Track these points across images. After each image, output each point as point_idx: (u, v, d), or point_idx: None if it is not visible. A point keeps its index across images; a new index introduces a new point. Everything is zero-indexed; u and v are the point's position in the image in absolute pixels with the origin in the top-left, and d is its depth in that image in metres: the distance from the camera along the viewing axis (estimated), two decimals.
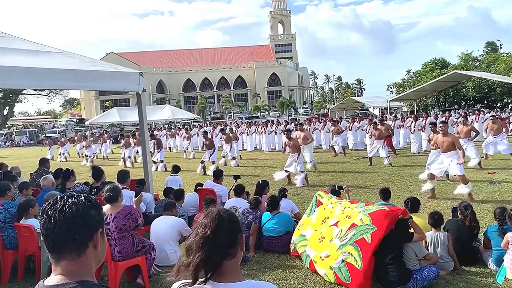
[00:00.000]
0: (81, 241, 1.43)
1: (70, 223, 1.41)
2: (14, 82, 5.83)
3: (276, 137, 21.87)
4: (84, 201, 1.47)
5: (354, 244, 4.65)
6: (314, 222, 5.68)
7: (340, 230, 5.01)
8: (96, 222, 1.48)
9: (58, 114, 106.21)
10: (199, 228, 1.67)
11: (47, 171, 8.51)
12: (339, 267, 4.67)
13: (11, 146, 43.96)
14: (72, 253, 1.42)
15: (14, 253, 5.49)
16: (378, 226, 4.59)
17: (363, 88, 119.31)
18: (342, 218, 5.18)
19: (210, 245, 1.62)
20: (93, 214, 1.47)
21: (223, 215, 1.69)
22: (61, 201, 1.45)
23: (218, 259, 1.62)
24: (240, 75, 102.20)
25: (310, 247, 5.26)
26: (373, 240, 4.53)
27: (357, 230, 4.75)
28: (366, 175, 12.29)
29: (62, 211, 1.42)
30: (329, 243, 5.06)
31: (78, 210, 1.43)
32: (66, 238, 1.41)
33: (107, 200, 4.91)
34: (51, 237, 1.42)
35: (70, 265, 1.43)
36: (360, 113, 39.46)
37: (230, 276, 1.65)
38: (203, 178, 11.66)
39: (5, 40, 8.20)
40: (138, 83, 7.12)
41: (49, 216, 1.42)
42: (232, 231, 1.67)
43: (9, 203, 5.67)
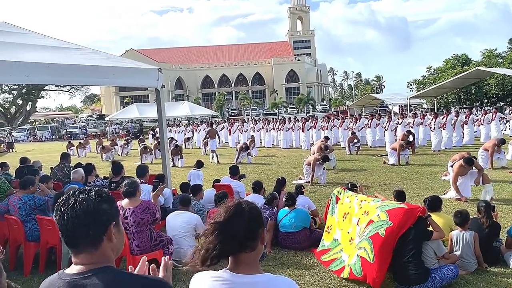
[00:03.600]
0: (95, 235, 1.46)
1: (81, 219, 1.44)
2: (36, 78, 5.94)
3: (294, 134, 21.81)
4: (95, 197, 1.48)
5: (369, 239, 4.64)
6: (337, 220, 5.68)
7: (360, 228, 5.00)
8: (108, 216, 1.50)
9: (79, 109, 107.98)
10: (216, 217, 1.69)
11: (68, 166, 8.67)
12: (354, 264, 4.66)
13: (33, 141, 44.84)
14: (88, 247, 1.46)
15: (36, 245, 5.61)
16: (395, 222, 4.54)
17: (382, 85, 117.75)
18: (361, 215, 5.16)
19: (222, 233, 1.63)
20: (104, 208, 1.49)
21: (243, 207, 1.70)
22: (72, 197, 1.48)
23: (230, 248, 1.64)
24: (258, 72, 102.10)
25: (345, 251, 5.23)
26: (387, 235, 4.49)
27: (373, 226, 4.73)
28: (384, 172, 12.16)
29: (73, 208, 1.45)
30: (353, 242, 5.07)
31: (89, 206, 1.45)
32: (79, 234, 1.45)
33: (125, 195, 4.98)
34: (65, 233, 1.46)
35: (88, 258, 1.46)
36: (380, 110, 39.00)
37: (248, 268, 1.66)
38: (221, 174, 11.72)
39: (28, 37, 8.37)
40: (157, 79, 7.18)
41: (62, 212, 1.46)
42: (252, 223, 1.68)
43: (27, 197, 5.77)
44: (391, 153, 13.75)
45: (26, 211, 5.62)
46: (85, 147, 24.24)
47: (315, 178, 10.95)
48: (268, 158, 17.51)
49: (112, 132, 39.58)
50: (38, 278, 5.30)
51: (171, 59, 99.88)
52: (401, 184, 10.24)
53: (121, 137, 27.90)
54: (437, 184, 9.97)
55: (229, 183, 8.07)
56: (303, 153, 17.71)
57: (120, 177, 7.15)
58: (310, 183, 10.68)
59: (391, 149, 13.97)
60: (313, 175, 10.82)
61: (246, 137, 22.50)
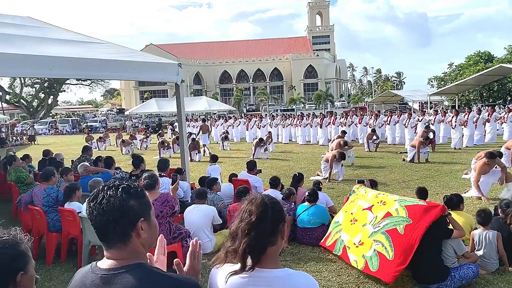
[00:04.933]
0: (123, 231, 1.47)
1: (108, 215, 1.46)
2: (59, 72, 6.05)
3: (312, 130, 21.71)
4: (122, 193, 1.49)
5: (386, 233, 4.60)
6: (344, 207, 5.71)
7: (375, 217, 4.94)
8: (136, 212, 1.50)
9: (99, 103, 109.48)
10: (244, 214, 1.69)
11: (89, 158, 8.82)
12: (371, 257, 4.64)
13: (54, 134, 45.68)
14: (117, 242, 1.48)
15: (57, 236, 5.74)
16: (414, 220, 4.49)
17: (402, 82, 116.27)
18: (376, 203, 5.12)
19: (255, 231, 1.64)
20: (132, 204, 1.49)
21: (267, 202, 1.70)
22: (101, 193, 1.49)
23: (263, 245, 1.64)
24: (276, 67, 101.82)
25: (344, 231, 5.25)
26: (406, 233, 4.44)
27: (391, 220, 4.68)
28: (403, 170, 12.02)
29: (101, 203, 1.47)
30: (362, 228, 5.01)
31: (115, 204, 1.46)
32: (107, 229, 1.47)
33: (146, 188, 5.05)
34: (96, 228, 1.49)
35: (118, 253, 1.48)
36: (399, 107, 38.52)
37: (269, 263, 1.67)
38: (238, 169, 11.75)
39: (51, 31, 8.53)
40: (177, 74, 7.24)
41: (91, 208, 1.48)
42: (275, 218, 1.68)
43: (51, 188, 5.93)
44: (411, 150, 13.60)
45: (49, 203, 5.75)
46: (105, 140, 24.57)
47: (333, 175, 10.90)
48: (285, 154, 17.49)
49: (132, 126, 40.02)
50: (60, 268, 5.43)
51: (189, 54, 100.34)
52: (420, 182, 10.11)
53: (140, 132, 28.15)
54: (457, 183, 9.81)
55: (246, 178, 8.09)
56: (321, 149, 17.64)
57: (140, 170, 7.23)
58: (328, 179, 10.64)
59: (410, 146, 13.81)
60: (331, 171, 10.77)
61: (264, 132, 22.47)
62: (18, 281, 1.46)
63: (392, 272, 4.39)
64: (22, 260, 1.49)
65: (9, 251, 1.45)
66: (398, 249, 4.42)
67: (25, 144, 31.50)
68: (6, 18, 9.23)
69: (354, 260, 4.87)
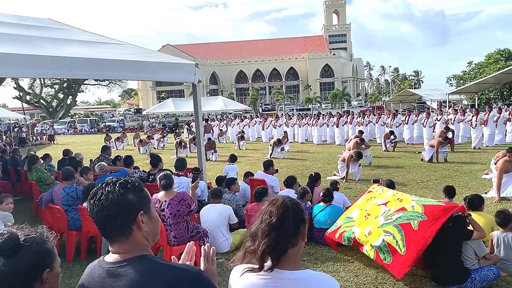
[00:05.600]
0: (123, 225, 1.51)
1: (107, 210, 1.49)
2: (79, 72, 6.15)
3: (328, 130, 21.59)
4: (119, 188, 1.52)
5: (398, 226, 4.55)
6: (359, 203, 5.68)
7: (388, 210, 4.91)
8: (135, 206, 1.53)
9: (117, 103, 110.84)
10: (265, 215, 1.69)
11: (108, 158, 8.94)
12: (380, 247, 4.60)
13: (73, 134, 46.39)
14: (118, 236, 1.52)
15: (77, 234, 5.84)
16: (430, 218, 4.43)
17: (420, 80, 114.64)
18: (392, 200, 5.11)
19: (276, 232, 1.64)
20: (130, 198, 1.52)
21: (288, 204, 1.70)
22: (100, 189, 1.53)
23: (284, 247, 1.65)
24: (292, 67, 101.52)
25: (357, 226, 5.23)
26: (420, 229, 4.39)
27: (404, 214, 4.63)
28: (422, 170, 11.87)
29: (100, 199, 1.51)
30: (373, 220, 4.99)
31: (113, 199, 1.50)
32: (108, 225, 1.51)
33: (163, 187, 5.11)
34: (96, 224, 1.53)
35: (121, 247, 1.52)
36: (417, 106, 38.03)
37: (290, 264, 1.67)
38: (254, 169, 11.76)
39: (70, 32, 8.67)
40: (194, 74, 7.30)
41: (92, 205, 1.52)
42: (296, 220, 1.69)
43: (70, 187, 6.03)
44: (429, 149, 13.43)
45: (68, 201, 5.86)
46: (123, 140, 24.86)
47: (350, 175, 10.83)
48: (301, 154, 17.44)
49: (149, 126, 40.39)
50: (80, 266, 5.51)
51: (206, 54, 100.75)
52: (439, 182, 9.98)
53: (157, 131, 28.42)
54: (477, 183, 9.65)
55: (263, 178, 8.09)
56: (337, 149, 17.55)
57: (158, 170, 7.30)
58: (344, 179, 10.57)
59: (429, 146, 13.63)
60: (347, 171, 10.70)
61: (280, 132, 22.44)
62: (44, 278, 1.49)
63: (403, 268, 4.35)
64: (49, 257, 1.53)
65: (36, 249, 1.48)
66: (411, 244, 4.36)
67: (44, 143, 32.08)
68: (28, 20, 9.41)
69: (365, 250, 4.86)
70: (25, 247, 1.47)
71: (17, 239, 1.46)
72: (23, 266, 1.44)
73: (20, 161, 10.80)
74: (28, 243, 1.48)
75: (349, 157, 10.69)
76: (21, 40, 6.61)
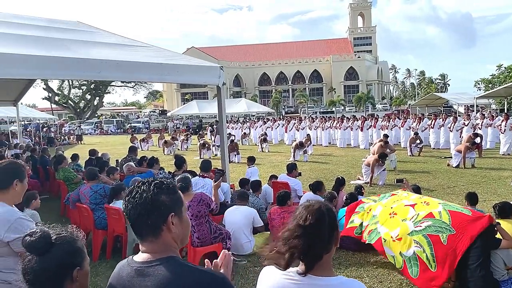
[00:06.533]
0: (154, 225, 1.54)
1: (140, 209, 1.53)
2: (107, 75, 6.27)
3: (352, 133, 21.36)
4: (153, 188, 1.56)
5: (427, 237, 4.45)
6: (384, 203, 5.52)
7: (416, 214, 4.80)
8: (166, 207, 1.56)
9: (142, 105, 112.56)
10: (300, 220, 1.69)
11: (135, 158, 9.08)
12: (410, 259, 4.51)
13: (100, 134, 47.28)
14: (149, 236, 1.55)
15: (103, 233, 5.95)
16: (458, 231, 4.33)
17: (447, 84, 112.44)
18: (419, 202, 5.00)
19: (311, 238, 1.64)
20: (163, 199, 1.56)
21: (324, 210, 1.70)
22: (135, 188, 1.58)
23: (319, 252, 1.65)
24: (316, 69, 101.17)
25: (382, 224, 5.11)
26: (449, 244, 4.29)
27: (433, 223, 4.53)
28: (448, 175, 11.62)
29: (134, 198, 1.55)
30: (401, 222, 4.87)
31: (147, 197, 1.54)
32: (140, 223, 1.55)
33: (181, 190, 5.15)
34: (129, 221, 1.58)
35: (150, 246, 1.56)
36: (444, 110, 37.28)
37: (323, 270, 1.67)
38: (277, 171, 11.75)
39: (99, 35, 8.85)
40: (219, 76, 7.36)
41: (126, 202, 1.57)
42: (331, 226, 1.69)
43: (97, 186, 6.16)
44: (456, 155, 13.14)
45: (96, 199, 5.98)
46: (148, 141, 25.19)
47: (374, 179, 10.70)
48: (324, 157, 17.32)
49: (174, 127, 40.83)
50: (105, 264, 5.61)
51: (230, 56, 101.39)
52: (466, 188, 9.75)
53: (181, 133, 28.72)
54: (506, 190, 9.39)
55: (286, 181, 8.07)
56: (361, 153, 17.35)
57: (182, 171, 7.36)
58: (369, 184, 10.45)
59: (456, 151, 13.34)
60: (372, 175, 10.57)
61: (303, 135, 22.31)
62: (74, 276, 1.53)
63: (432, 285, 4.26)
64: (79, 256, 1.57)
65: (67, 247, 1.53)
66: (440, 260, 4.27)
67: (72, 143, 32.82)
68: (58, 23, 9.67)
69: (392, 255, 4.76)
70: (56, 245, 1.51)
71: (49, 237, 1.51)
72: (54, 264, 1.49)
73: (49, 160, 11.08)
74: (59, 242, 1.53)
75: (373, 161, 10.56)
76: (51, 43, 6.79)
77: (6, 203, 2.61)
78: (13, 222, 2.51)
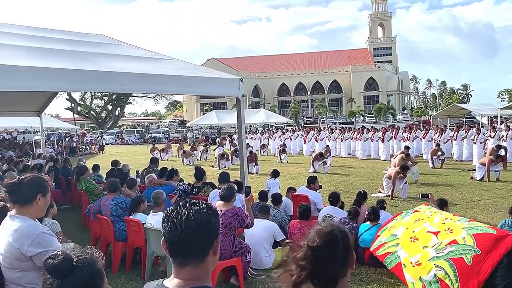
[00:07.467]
0: (204, 248, 1.49)
1: (195, 231, 1.46)
2: (129, 87, 6.36)
3: (372, 144, 21.09)
4: (206, 209, 1.52)
5: (450, 260, 4.30)
6: (406, 221, 5.42)
7: (439, 243, 4.67)
8: (216, 230, 1.53)
9: (162, 115, 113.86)
10: (313, 243, 1.65)
11: (156, 170, 9.14)
12: (430, 282, 4.36)
13: (121, 144, 47.88)
14: (196, 259, 1.48)
15: (123, 245, 5.96)
16: (483, 251, 4.18)
17: (469, 95, 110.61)
18: (443, 230, 4.83)
19: (319, 261, 1.60)
20: (213, 222, 1.52)
21: (337, 234, 1.66)
22: (184, 208, 1.51)
23: (335, 277, 1.61)
24: (335, 80, 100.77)
25: (402, 247, 4.99)
26: (474, 264, 4.13)
27: (456, 247, 4.39)
28: (472, 189, 11.35)
29: (188, 219, 1.47)
30: (422, 249, 4.74)
31: (202, 219, 1.48)
32: (191, 246, 1.47)
33: (222, 198, 5.15)
34: (176, 244, 1.48)
35: (193, 271, 1.49)
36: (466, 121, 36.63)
37: None
38: (295, 183, 11.67)
39: (121, 48, 9.00)
40: (239, 88, 7.38)
41: (175, 223, 1.48)
42: (346, 250, 1.64)
43: (118, 198, 6.21)
44: (480, 168, 12.84)
45: (117, 212, 6.02)
46: (167, 151, 25.37)
47: (396, 192, 10.51)
48: (344, 169, 17.14)
49: (193, 138, 41.13)
50: (125, 276, 5.63)
51: (249, 67, 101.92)
52: (491, 202, 9.52)
53: (200, 143, 28.89)
54: None
55: (306, 194, 7.99)
56: (382, 165, 17.11)
57: (202, 183, 7.38)
58: (390, 197, 10.27)
59: (479, 163, 13.05)
60: (393, 188, 10.39)
61: (322, 146, 22.13)
62: None
63: None
64: (99, 278, 1.57)
65: (88, 270, 1.53)
66: (465, 281, 4.13)
67: (93, 153, 33.32)
68: (82, 36, 9.87)
69: (411, 282, 4.62)
70: (78, 268, 1.51)
71: (71, 260, 1.51)
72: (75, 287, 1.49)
73: (71, 170, 11.25)
74: (80, 264, 1.53)
75: (395, 173, 10.39)
76: (76, 56, 6.93)
77: (29, 217, 2.63)
78: (36, 237, 2.53)
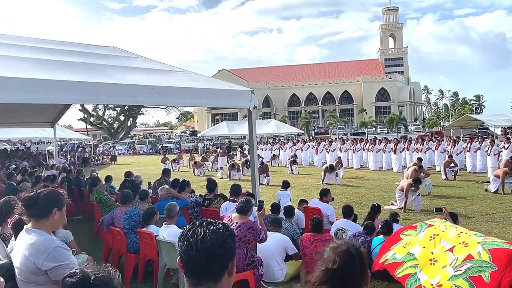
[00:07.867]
0: (219, 269, 1.47)
1: (211, 251, 1.45)
2: (142, 99, 6.42)
3: (385, 156, 20.92)
4: (223, 229, 1.50)
5: (469, 280, 4.23)
6: (421, 238, 5.32)
7: (456, 259, 4.60)
8: (232, 251, 1.52)
9: (173, 126, 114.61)
10: (329, 263, 1.64)
11: (168, 181, 9.17)
12: None
13: (133, 154, 48.24)
14: (210, 280, 1.47)
15: (135, 257, 5.97)
16: (500, 267, 4.11)
17: (482, 105, 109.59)
18: (458, 243, 4.77)
19: (338, 281, 1.58)
20: (229, 242, 1.51)
21: (353, 252, 1.65)
22: (201, 228, 1.49)
23: None
24: (346, 90, 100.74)
25: (421, 269, 4.90)
26: (493, 281, 4.07)
27: (473, 264, 4.32)
28: (487, 201, 11.18)
29: (204, 240, 1.45)
30: (442, 269, 4.67)
31: (218, 240, 1.47)
32: (206, 266, 1.46)
33: (238, 211, 5.14)
34: (191, 264, 1.47)
35: None
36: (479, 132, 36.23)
37: None
38: (307, 195, 11.61)
39: (134, 60, 9.11)
40: (250, 100, 7.40)
41: (191, 243, 1.46)
42: (362, 268, 1.63)
43: (132, 211, 6.23)
44: (494, 180, 12.66)
45: (130, 225, 6.03)
46: (179, 161, 25.46)
47: (409, 204, 10.40)
48: (356, 181, 17.01)
49: (204, 148, 41.25)
50: None
51: (259, 78, 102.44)
52: (506, 215, 9.36)
53: (211, 153, 28.97)
54: None
55: (318, 206, 7.93)
56: (395, 177, 16.95)
57: (214, 195, 7.37)
58: (403, 209, 10.15)
59: (494, 175, 12.87)
60: (406, 201, 10.28)
61: (333, 157, 22.03)
62: None
63: None
64: None
65: None
66: None
67: (106, 163, 33.58)
68: (94, 48, 10.02)
69: None
70: (95, 286, 1.53)
71: (88, 279, 1.53)
72: None
73: (83, 181, 11.34)
74: (98, 282, 1.54)
75: (407, 186, 10.28)
76: (89, 68, 7.03)
77: (45, 231, 2.65)
78: (52, 251, 2.55)
